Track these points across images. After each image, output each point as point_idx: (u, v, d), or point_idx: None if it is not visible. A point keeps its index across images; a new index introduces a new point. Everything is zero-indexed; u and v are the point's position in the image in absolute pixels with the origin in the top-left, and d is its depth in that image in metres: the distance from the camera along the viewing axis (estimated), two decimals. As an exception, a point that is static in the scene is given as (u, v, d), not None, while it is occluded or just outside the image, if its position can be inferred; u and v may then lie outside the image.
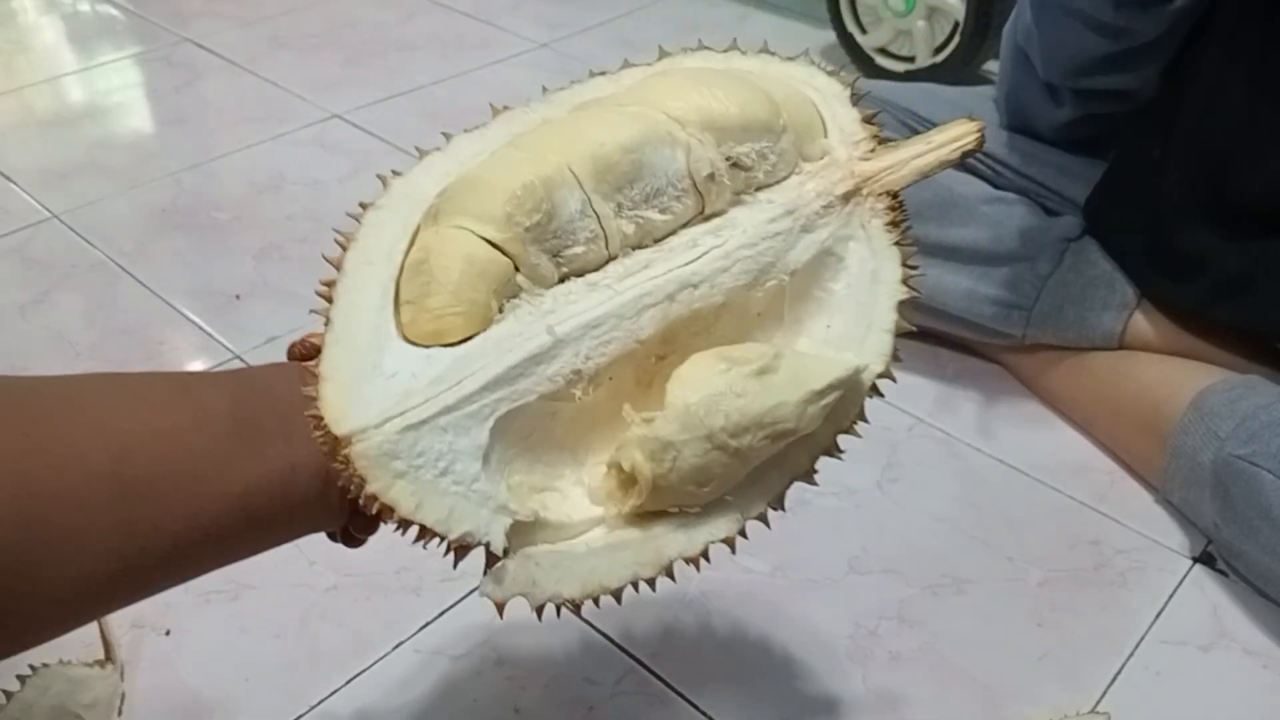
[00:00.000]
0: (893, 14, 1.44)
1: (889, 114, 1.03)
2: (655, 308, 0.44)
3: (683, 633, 0.75)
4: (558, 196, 0.43)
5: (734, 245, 0.45)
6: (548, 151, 0.44)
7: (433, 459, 0.40)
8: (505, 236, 0.42)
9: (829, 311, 0.47)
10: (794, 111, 0.47)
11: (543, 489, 0.44)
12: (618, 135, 0.44)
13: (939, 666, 0.74)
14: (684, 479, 0.42)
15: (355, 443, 0.39)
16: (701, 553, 0.44)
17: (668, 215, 0.45)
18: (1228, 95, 0.82)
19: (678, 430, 0.42)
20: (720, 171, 0.45)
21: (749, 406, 0.42)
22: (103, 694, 0.69)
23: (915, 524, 0.84)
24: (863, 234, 0.47)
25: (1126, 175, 0.93)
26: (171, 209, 1.20)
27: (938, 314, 0.97)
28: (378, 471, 0.39)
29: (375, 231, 0.44)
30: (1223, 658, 0.75)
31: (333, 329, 0.41)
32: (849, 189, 0.47)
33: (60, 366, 0.98)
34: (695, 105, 0.45)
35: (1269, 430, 0.76)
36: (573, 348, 0.43)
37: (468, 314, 0.42)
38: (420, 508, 0.39)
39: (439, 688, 0.72)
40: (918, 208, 0.95)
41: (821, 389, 0.43)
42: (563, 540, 0.43)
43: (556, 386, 0.42)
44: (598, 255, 0.44)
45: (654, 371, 0.45)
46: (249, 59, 1.55)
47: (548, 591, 0.41)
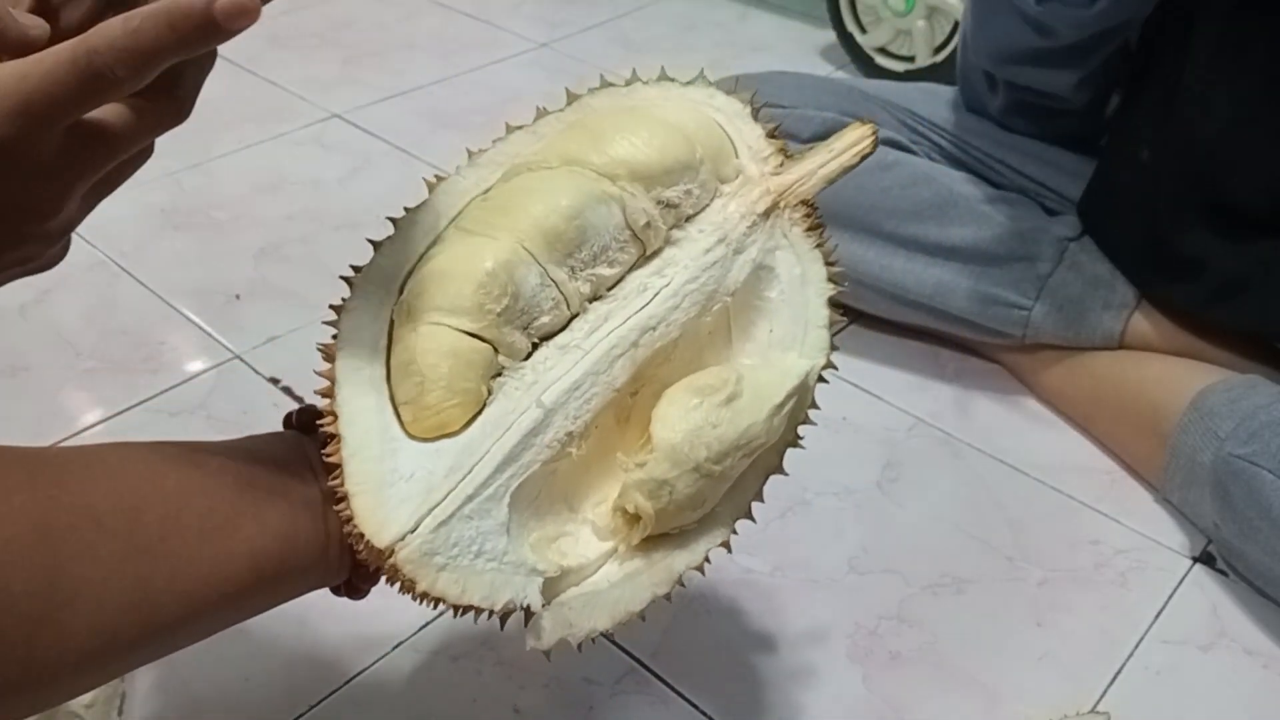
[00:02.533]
0: (893, 14, 1.44)
1: (889, 113, 1.03)
2: (624, 356, 0.48)
3: (683, 633, 0.75)
4: (518, 275, 0.46)
5: (679, 282, 0.49)
6: (498, 231, 0.47)
7: (466, 546, 0.44)
8: (481, 325, 0.46)
9: (768, 318, 0.51)
10: (706, 140, 0.51)
11: (556, 537, 0.48)
12: (558, 205, 0.47)
13: (939, 666, 0.74)
14: (681, 507, 0.47)
15: (398, 551, 0.43)
16: (703, 561, 0.49)
17: (615, 267, 0.49)
18: (1219, 97, 0.82)
19: (668, 469, 0.46)
20: (654, 217, 0.49)
21: (725, 434, 0.47)
22: (102, 694, 0.69)
23: (915, 524, 0.84)
24: (786, 243, 0.51)
25: (1117, 176, 0.93)
26: (171, 209, 1.20)
27: (938, 314, 0.97)
28: (423, 571, 0.43)
29: (355, 334, 0.47)
30: (1223, 658, 0.75)
31: (346, 443, 0.44)
32: (768, 205, 0.51)
33: (60, 366, 0.98)
34: (620, 158, 0.48)
35: (1269, 430, 0.76)
36: (562, 412, 0.47)
37: (463, 403, 0.45)
38: (465, 592, 0.44)
39: (439, 688, 0.72)
40: (917, 207, 0.96)
41: (781, 400, 0.48)
42: (584, 579, 0.48)
43: (554, 451, 0.47)
44: (561, 318, 0.48)
45: (630, 407, 0.50)
46: (249, 59, 1.54)
47: (584, 629, 0.46)
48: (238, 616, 0.47)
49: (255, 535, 0.44)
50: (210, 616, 0.45)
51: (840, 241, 0.98)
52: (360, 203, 1.21)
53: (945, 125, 1.03)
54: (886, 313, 1.01)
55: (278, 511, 0.45)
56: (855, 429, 0.93)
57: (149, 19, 0.35)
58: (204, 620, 0.45)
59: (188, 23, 0.35)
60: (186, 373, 0.98)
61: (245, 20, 0.35)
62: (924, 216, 0.95)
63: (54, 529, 0.39)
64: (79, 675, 0.41)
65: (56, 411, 0.93)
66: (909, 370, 1.00)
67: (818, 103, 1.00)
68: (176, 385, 0.96)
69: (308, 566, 0.47)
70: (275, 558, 0.45)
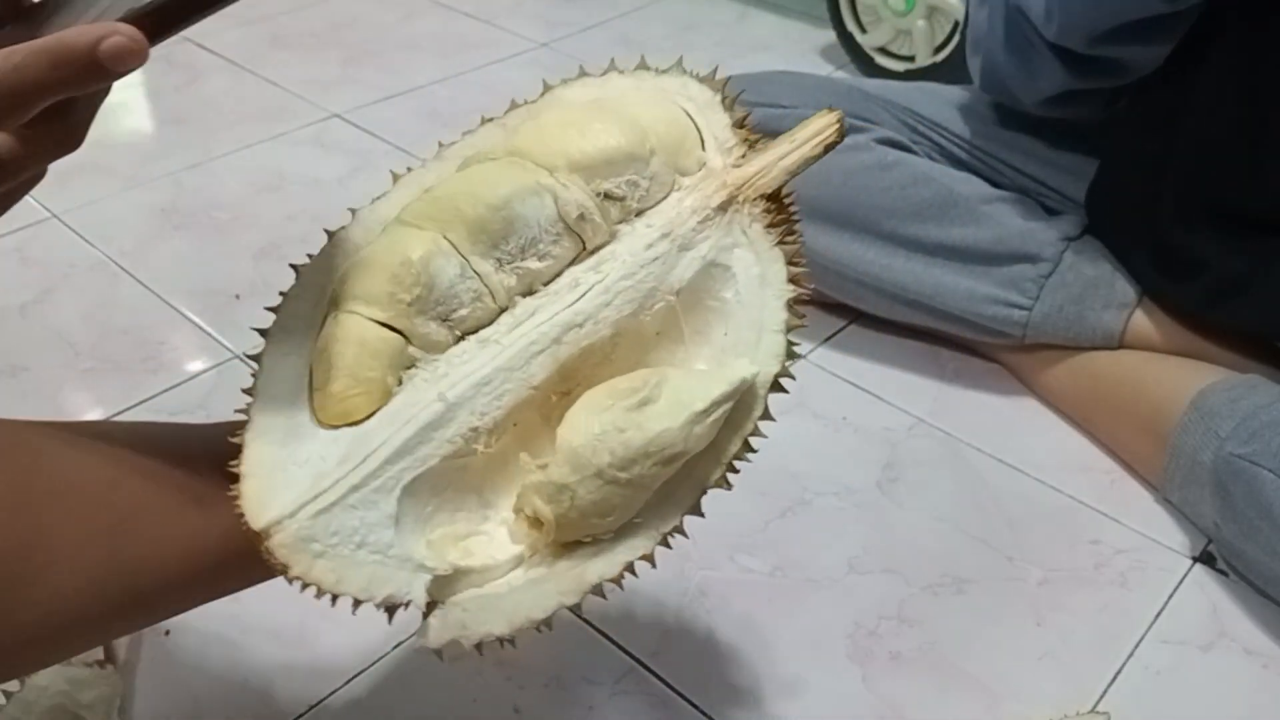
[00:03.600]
0: (893, 13, 1.44)
1: (889, 113, 1.03)
2: (543, 354, 0.46)
3: (683, 633, 0.75)
4: (434, 266, 0.45)
5: (613, 278, 0.47)
6: (425, 222, 0.46)
7: (347, 535, 0.43)
8: (390, 314, 0.45)
9: (724, 319, 0.48)
10: (663, 131, 0.49)
11: (467, 535, 0.47)
12: (485, 196, 0.46)
13: (939, 666, 0.74)
14: (585, 514, 0.45)
15: (273, 534, 0.43)
16: (623, 572, 0.46)
17: (547, 260, 0.47)
18: (1232, 96, 0.82)
19: (569, 473, 0.44)
20: (590, 210, 0.47)
21: (631, 440, 0.44)
22: (103, 694, 0.69)
23: (915, 524, 0.84)
24: (745, 240, 0.48)
25: (1125, 171, 0.93)
26: (171, 209, 1.20)
27: (938, 314, 0.97)
28: (297, 556, 0.43)
29: (288, 322, 0.47)
30: (1223, 658, 0.75)
31: (252, 426, 0.44)
32: (724, 199, 0.48)
33: (60, 366, 0.98)
34: (559, 149, 0.47)
35: (1269, 429, 0.76)
36: (467, 407, 0.45)
37: (367, 393, 0.45)
38: (341, 581, 0.43)
39: (439, 688, 0.72)
40: (918, 207, 0.96)
41: (704, 408, 0.45)
42: (490, 581, 0.46)
43: (456, 447, 0.45)
44: (488, 311, 0.47)
45: (558, 407, 0.47)
46: (249, 59, 1.54)
47: (478, 632, 0.45)
48: (218, 589, 0.47)
49: (231, 514, 0.44)
50: (189, 588, 0.45)
51: (840, 241, 0.99)
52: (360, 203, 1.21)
53: (946, 125, 1.03)
54: (886, 313, 1.01)
55: None
56: (855, 429, 0.93)
57: (31, 55, 0.34)
58: (183, 591, 0.45)
59: (72, 63, 0.34)
60: (186, 373, 0.98)
61: (132, 62, 0.34)
62: (924, 216, 0.95)
63: (33, 494, 0.40)
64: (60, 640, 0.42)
65: (56, 411, 0.93)
66: (909, 370, 1.00)
67: (818, 103, 1.00)
68: (176, 385, 0.96)
69: None
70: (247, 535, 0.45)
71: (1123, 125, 0.93)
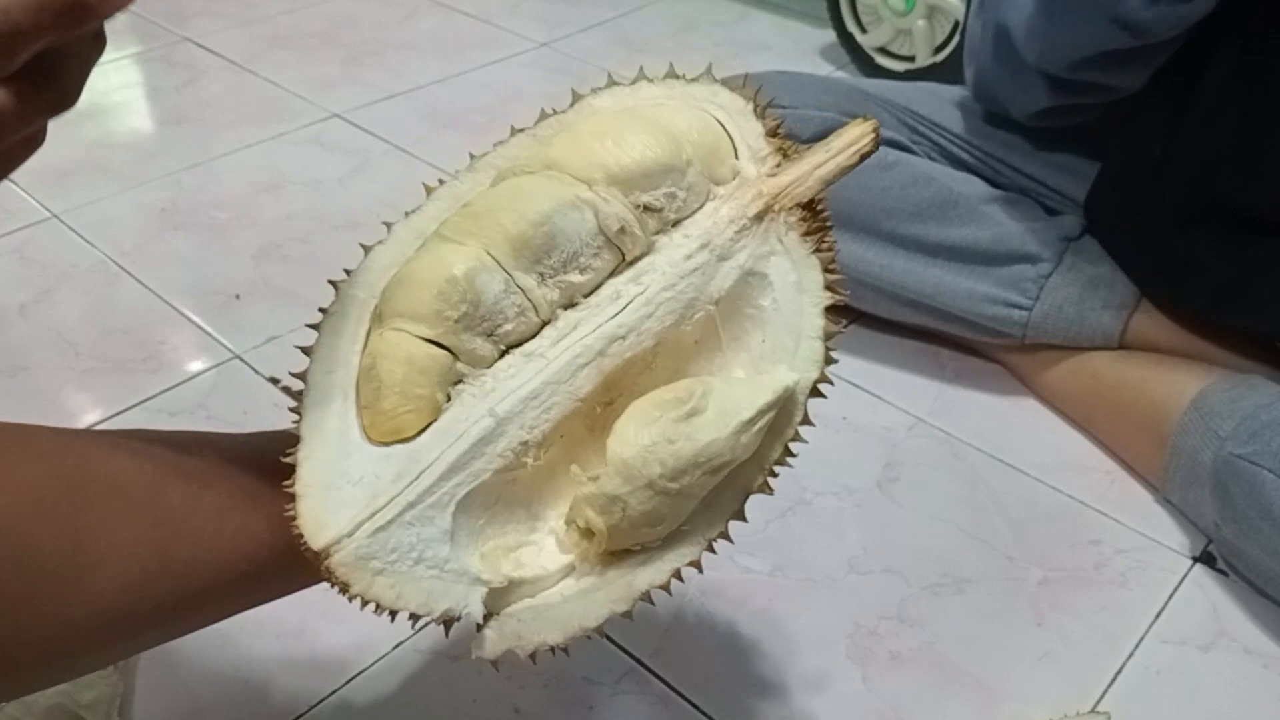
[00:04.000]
0: (893, 13, 1.44)
1: (889, 113, 1.03)
2: (589, 366, 0.47)
3: (683, 633, 0.75)
4: (479, 282, 0.46)
5: (655, 290, 0.47)
6: (467, 238, 0.46)
7: (405, 552, 0.44)
8: (438, 332, 0.45)
9: (761, 327, 0.49)
10: (698, 141, 0.49)
11: (518, 546, 0.48)
12: (527, 212, 0.46)
13: (939, 666, 0.74)
14: (636, 524, 0.45)
15: (333, 554, 0.43)
16: (671, 579, 0.47)
17: (589, 274, 0.47)
18: (1232, 98, 0.82)
19: (620, 484, 0.45)
20: (630, 223, 0.47)
21: (681, 451, 0.44)
22: (103, 694, 0.69)
23: (915, 524, 0.84)
24: (781, 248, 0.48)
25: (1125, 174, 0.93)
26: (171, 209, 1.20)
27: (938, 314, 0.97)
28: (357, 575, 0.43)
29: (332, 339, 0.47)
30: (1223, 658, 0.75)
31: (304, 445, 0.45)
32: (760, 209, 0.48)
33: (60, 366, 0.98)
34: (597, 162, 0.47)
35: (1269, 429, 0.76)
36: (517, 422, 0.46)
37: (417, 410, 0.45)
38: (401, 597, 0.44)
39: (439, 688, 0.72)
40: (918, 207, 0.96)
41: (751, 417, 0.45)
42: (541, 592, 0.47)
43: (507, 461, 0.46)
44: (531, 324, 0.47)
45: (603, 418, 0.48)
46: (249, 59, 1.54)
47: (533, 641, 0.45)
48: (259, 596, 0.48)
49: (274, 516, 0.45)
50: (232, 592, 0.46)
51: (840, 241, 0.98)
52: (360, 203, 1.21)
53: (946, 125, 1.03)
54: (886, 313, 1.01)
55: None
56: (855, 429, 0.93)
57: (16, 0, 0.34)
58: (227, 596, 0.46)
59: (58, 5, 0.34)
60: (186, 373, 0.98)
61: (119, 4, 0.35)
62: (924, 216, 0.95)
63: (82, 495, 0.40)
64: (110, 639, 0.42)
65: (56, 411, 0.93)
66: (909, 370, 1.00)
67: (818, 103, 1.00)
68: (176, 385, 0.96)
69: None
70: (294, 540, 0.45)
71: (1123, 127, 0.93)
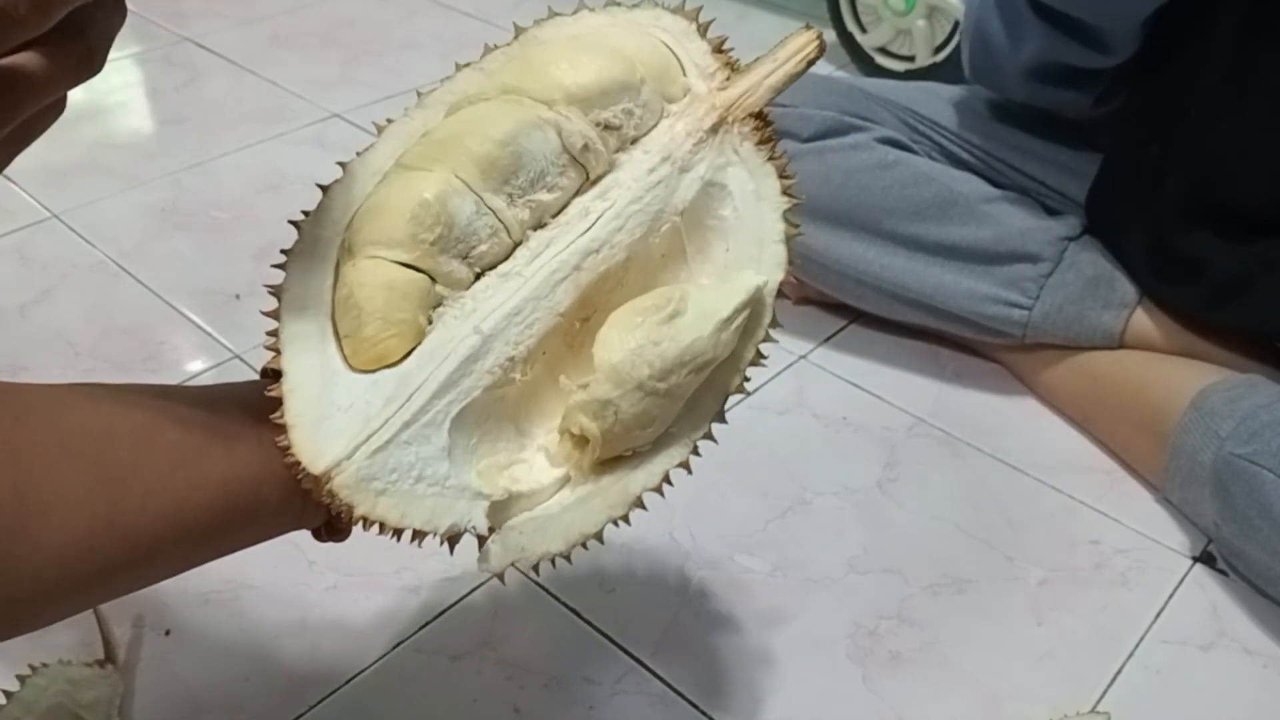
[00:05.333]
0: (893, 13, 1.44)
1: (889, 112, 1.03)
2: (566, 281, 0.48)
3: (683, 633, 0.75)
4: (451, 205, 0.46)
5: (623, 203, 0.49)
6: (432, 164, 0.47)
7: (405, 471, 0.45)
8: (414, 255, 0.46)
9: (724, 236, 0.50)
10: (648, 60, 0.50)
11: (510, 464, 0.48)
12: (491, 133, 0.47)
13: (939, 666, 0.74)
14: (628, 427, 0.47)
15: (334, 476, 0.44)
16: (662, 482, 0.49)
17: (556, 192, 0.49)
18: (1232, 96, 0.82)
19: (611, 389, 0.46)
20: (593, 140, 0.48)
21: (667, 351, 0.46)
22: (103, 694, 0.69)
23: (915, 524, 0.84)
24: (737, 158, 0.50)
25: (1125, 173, 0.93)
26: (171, 209, 1.20)
27: (938, 313, 0.97)
28: (360, 496, 0.44)
29: (301, 277, 0.47)
30: (1223, 658, 0.75)
31: (286, 379, 0.45)
32: (715, 120, 0.50)
33: (60, 366, 0.98)
34: (555, 83, 0.48)
35: (1269, 429, 0.76)
36: (502, 338, 0.47)
37: (400, 334, 0.46)
38: (405, 516, 0.44)
39: (439, 688, 0.72)
40: (918, 206, 0.96)
41: (729, 315, 0.47)
42: (539, 505, 0.48)
43: (496, 377, 0.47)
44: (503, 245, 0.48)
45: (581, 334, 0.50)
46: (249, 59, 1.54)
47: (536, 552, 0.46)
48: (214, 549, 0.47)
49: (226, 467, 0.45)
50: (186, 545, 0.45)
51: (840, 241, 0.99)
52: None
53: (946, 124, 1.03)
54: (886, 312, 1.01)
55: (248, 447, 0.46)
56: (855, 429, 0.93)
57: None
58: (180, 548, 0.45)
59: None
60: (186, 373, 0.98)
61: None
62: (924, 216, 0.95)
63: (21, 449, 0.40)
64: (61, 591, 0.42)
65: (56, 411, 0.93)
66: (909, 370, 1.00)
67: (818, 101, 1.00)
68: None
69: (281, 503, 0.47)
70: (248, 490, 0.45)
71: (1123, 125, 0.93)
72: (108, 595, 0.45)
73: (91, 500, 0.41)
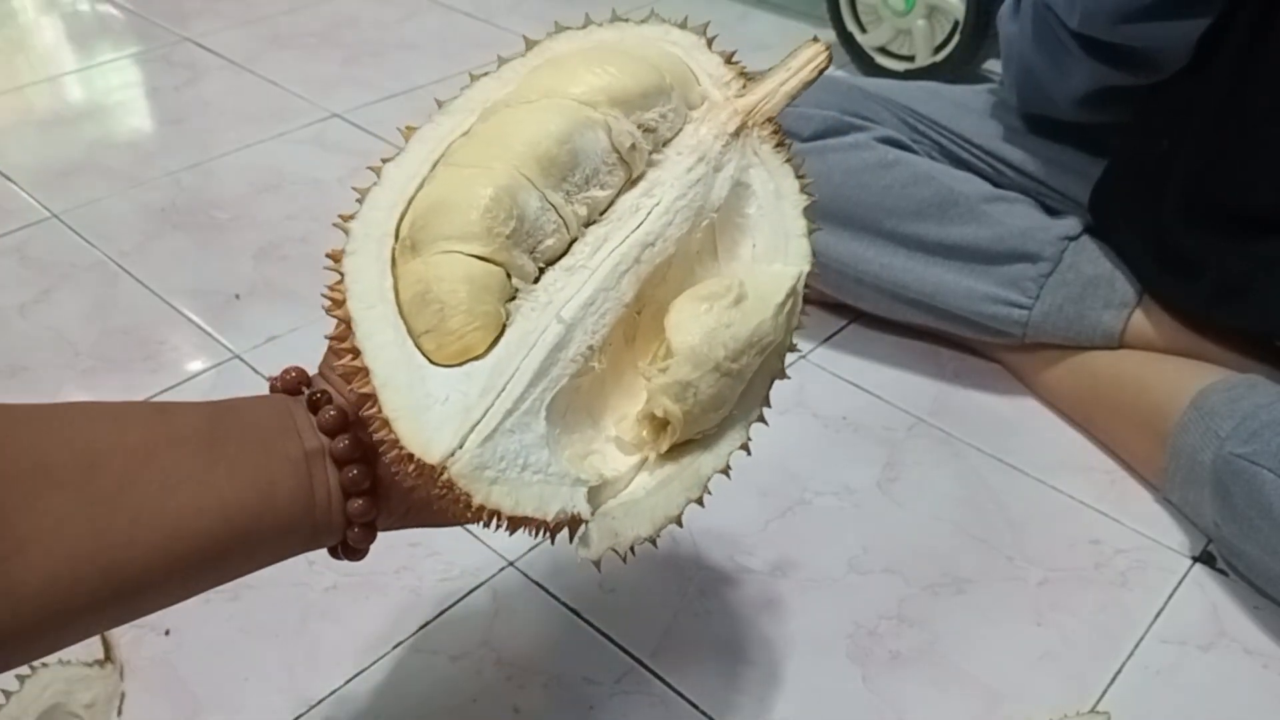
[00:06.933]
0: (892, 13, 1.44)
1: (889, 112, 1.03)
2: (629, 272, 0.49)
3: (683, 633, 0.75)
4: (520, 200, 0.47)
5: (669, 200, 0.51)
6: (492, 161, 0.48)
7: (512, 459, 0.45)
8: (492, 249, 0.47)
9: (750, 234, 0.53)
10: (671, 69, 0.52)
11: (587, 454, 0.50)
12: (549, 131, 0.48)
13: (939, 666, 0.74)
14: (705, 409, 0.49)
15: (450, 467, 0.44)
16: (728, 463, 0.51)
17: (607, 190, 0.50)
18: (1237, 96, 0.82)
19: (690, 370, 0.48)
20: (638, 140, 0.50)
21: (739, 332, 0.48)
22: (102, 694, 0.69)
23: (915, 524, 0.84)
24: (758, 160, 0.53)
25: (1131, 170, 0.93)
26: (171, 209, 1.20)
27: (938, 313, 0.97)
28: (477, 485, 0.44)
29: (361, 277, 0.47)
30: (1223, 658, 0.75)
31: (375, 376, 0.45)
32: (738, 125, 0.53)
33: (60, 366, 0.98)
34: (598, 86, 0.50)
35: (1269, 429, 0.76)
36: (581, 327, 0.48)
37: (484, 326, 0.46)
38: (519, 504, 0.45)
39: (439, 688, 0.72)
40: (918, 206, 0.96)
41: (783, 300, 0.50)
42: (620, 491, 0.49)
43: (579, 365, 0.48)
44: (562, 241, 0.49)
45: (636, 325, 0.52)
46: (249, 58, 1.55)
47: (629, 536, 0.48)
48: (216, 575, 0.45)
49: (227, 490, 0.43)
50: (183, 573, 0.43)
51: (840, 240, 0.99)
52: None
53: (946, 124, 1.03)
54: (886, 312, 1.01)
55: (253, 467, 0.44)
56: (855, 429, 0.93)
57: None
58: (175, 577, 0.42)
59: None
60: (186, 372, 0.98)
61: None
62: (924, 215, 0.95)
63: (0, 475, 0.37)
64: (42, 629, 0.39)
65: (56, 411, 0.93)
66: (909, 370, 1.00)
67: (818, 101, 1.00)
68: (176, 385, 0.96)
69: (291, 524, 0.45)
70: (250, 513, 0.44)
71: (1127, 125, 0.93)
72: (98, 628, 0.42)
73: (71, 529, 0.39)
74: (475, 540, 0.81)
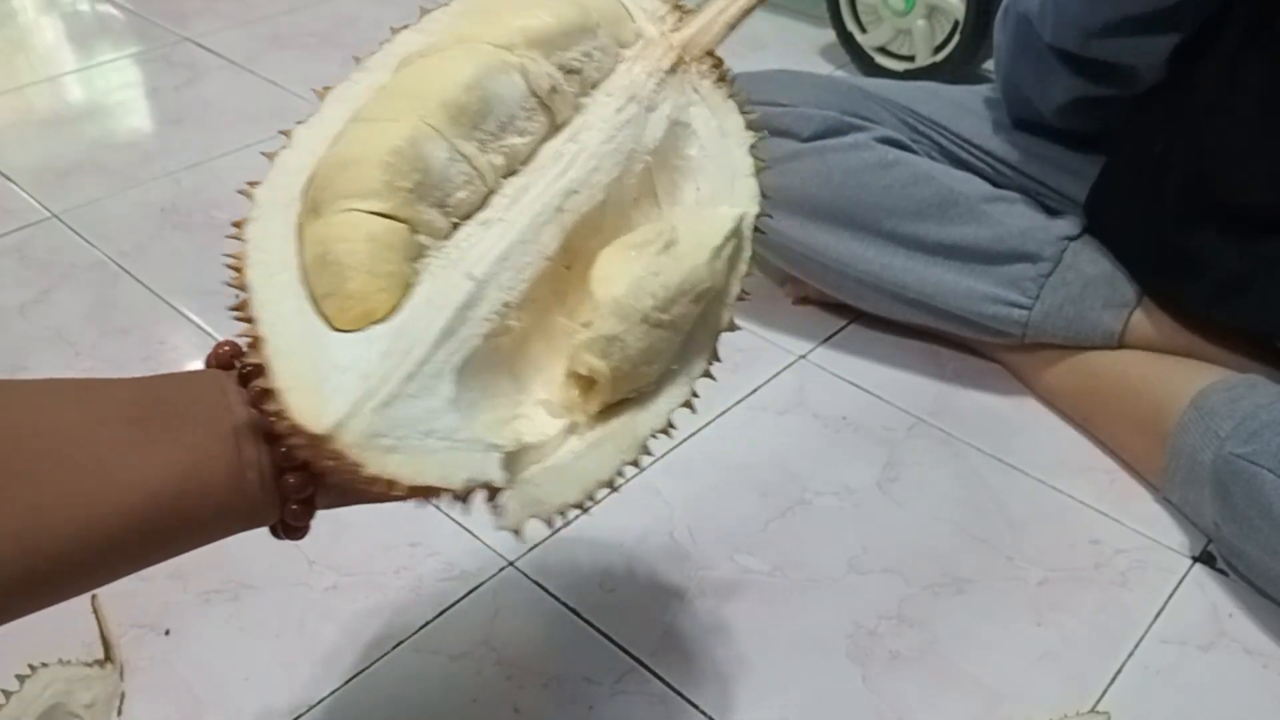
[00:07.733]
0: (892, 13, 1.44)
1: (889, 112, 1.03)
2: (551, 223, 0.46)
3: (683, 633, 0.75)
4: (424, 150, 0.44)
5: (595, 144, 0.48)
6: (397, 114, 0.45)
7: (414, 425, 0.42)
8: (393, 204, 0.44)
9: (693, 176, 0.50)
10: (598, 5, 0.50)
11: (511, 418, 0.46)
12: (457, 77, 0.45)
13: (939, 666, 0.74)
14: (635, 363, 0.46)
15: (339, 435, 0.40)
16: (668, 422, 0.48)
17: (526, 137, 0.47)
18: (1235, 95, 0.82)
19: (616, 323, 0.45)
20: (559, 82, 0.48)
21: (669, 279, 0.45)
22: (102, 694, 0.69)
23: (915, 524, 0.84)
24: (698, 97, 0.50)
25: (1128, 171, 0.93)
26: (171, 209, 1.20)
27: (938, 313, 0.97)
28: (370, 454, 0.41)
29: (264, 243, 0.45)
30: (1223, 658, 0.75)
31: (269, 344, 0.42)
32: (673, 60, 0.50)
33: (60, 366, 0.98)
34: (515, 27, 0.47)
35: (1269, 429, 0.76)
36: (494, 284, 0.45)
37: (388, 287, 0.43)
38: (420, 472, 0.41)
39: (438, 688, 0.72)
40: (918, 206, 0.96)
41: (720, 244, 0.47)
42: (547, 456, 0.46)
43: (493, 324, 0.45)
44: (478, 194, 0.46)
45: (566, 280, 0.48)
46: (249, 58, 1.54)
47: (553, 504, 0.45)
48: (150, 554, 0.43)
49: (149, 470, 0.41)
50: (113, 552, 0.41)
51: (840, 240, 0.99)
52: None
53: (946, 124, 1.03)
54: (886, 312, 1.01)
55: (182, 444, 0.42)
56: (855, 429, 0.93)
57: None
58: (106, 557, 0.41)
59: None
60: (186, 372, 0.98)
61: None
62: (924, 215, 0.95)
63: None
64: None
65: (56, 411, 0.93)
66: (909, 370, 1.00)
67: (818, 101, 1.00)
68: (176, 385, 0.96)
69: (224, 501, 0.43)
70: (179, 491, 0.42)
71: (1125, 125, 0.93)
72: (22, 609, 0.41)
73: None
74: (475, 540, 0.81)
